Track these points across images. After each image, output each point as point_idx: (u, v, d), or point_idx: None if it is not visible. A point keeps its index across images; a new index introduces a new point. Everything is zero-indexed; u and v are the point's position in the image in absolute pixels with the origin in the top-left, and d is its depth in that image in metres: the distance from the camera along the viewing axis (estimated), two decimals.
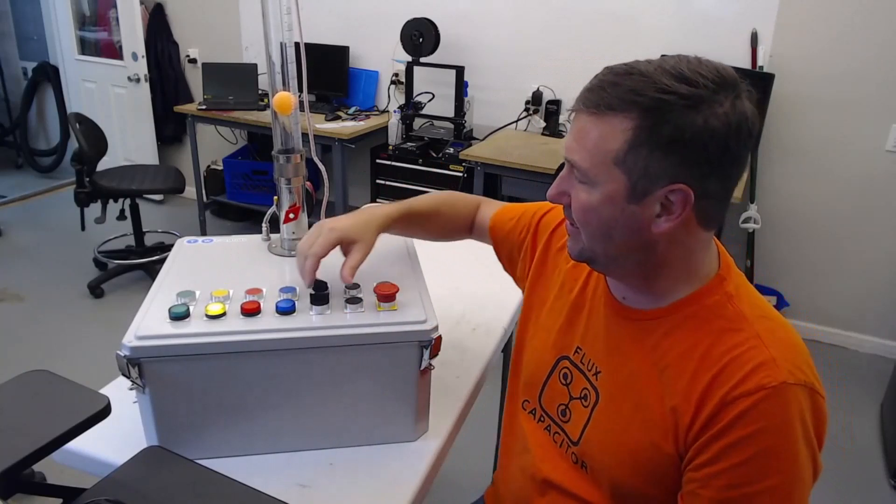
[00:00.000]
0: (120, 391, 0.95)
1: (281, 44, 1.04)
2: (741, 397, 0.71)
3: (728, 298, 0.79)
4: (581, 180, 0.76)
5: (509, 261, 1.15)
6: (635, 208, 0.74)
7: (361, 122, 3.49)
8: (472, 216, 1.18)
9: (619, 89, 0.71)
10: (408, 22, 3.29)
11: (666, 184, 0.72)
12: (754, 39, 2.83)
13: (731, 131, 0.70)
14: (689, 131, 0.69)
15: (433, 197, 1.16)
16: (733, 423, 0.71)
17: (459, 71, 3.24)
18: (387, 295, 0.97)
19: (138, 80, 4.07)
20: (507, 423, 1.09)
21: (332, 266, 1.03)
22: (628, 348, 0.84)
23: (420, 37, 3.28)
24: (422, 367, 0.97)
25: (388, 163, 3.42)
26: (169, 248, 1.13)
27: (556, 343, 0.96)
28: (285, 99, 1.06)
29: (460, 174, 3.20)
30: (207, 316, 0.92)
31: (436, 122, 3.48)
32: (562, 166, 0.82)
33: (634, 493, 0.83)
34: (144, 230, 3.52)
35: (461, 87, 3.27)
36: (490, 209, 1.18)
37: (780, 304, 3.04)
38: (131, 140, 4.31)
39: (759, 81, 2.70)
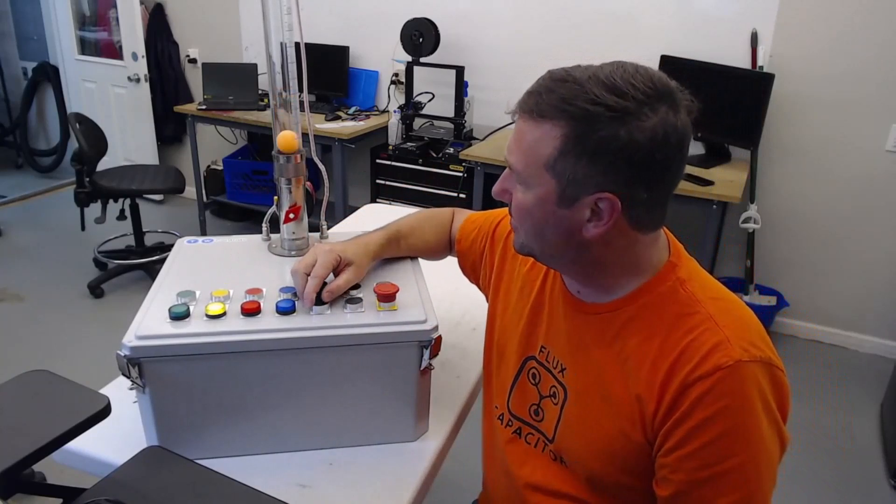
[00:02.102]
0: (120, 391, 0.95)
1: (281, 44, 1.04)
2: (699, 380, 0.73)
3: (680, 283, 0.81)
4: (518, 181, 0.79)
5: (472, 272, 1.15)
6: (565, 212, 0.76)
7: (361, 122, 3.49)
8: (448, 230, 1.20)
9: (552, 96, 0.73)
10: (408, 22, 3.29)
11: (593, 191, 0.74)
12: (754, 39, 2.83)
13: (658, 143, 0.71)
14: (614, 143, 0.70)
15: (415, 214, 1.19)
16: (695, 406, 0.73)
17: (459, 71, 3.24)
18: (387, 295, 0.97)
19: (138, 80, 4.07)
20: (486, 431, 1.08)
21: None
22: (589, 342, 0.86)
23: (420, 37, 3.28)
24: (422, 367, 0.97)
25: (388, 163, 3.42)
26: (169, 248, 1.13)
27: (521, 344, 0.97)
28: (290, 138, 1.07)
29: (460, 174, 3.20)
30: (207, 316, 0.92)
31: (436, 122, 3.48)
32: None
33: (611, 483, 0.85)
34: (144, 230, 3.52)
35: (461, 87, 3.27)
36: (459, 221, 1.19)
37: (780, 304, 3.04)
38: (131, 140, 4.31)
39: (759, 81, 2.70)
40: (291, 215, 1.12)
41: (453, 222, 1.20)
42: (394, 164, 3.41)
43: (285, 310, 0.94)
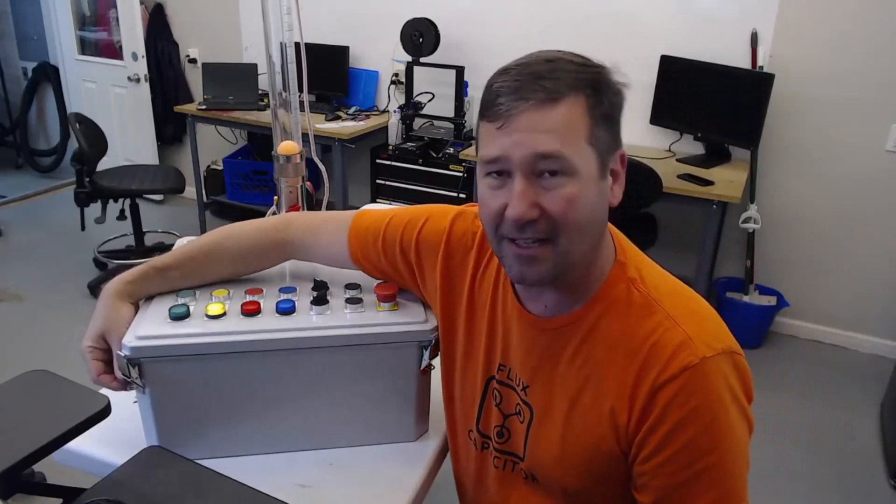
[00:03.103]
0: (120, 391, 0.95)
1: (281, 44, 1.04)
2: (667, 382, 0.72)
3: (632, 283, 0.79)
4: (561, 172, 0.71)
5: (385, 276, 1.01)
6: (603, 184, 0.76)
7: (361, 122, 3.49)
8: (278, 238, 1.01)
9: (559, 75, 0.71)
10: (408, 22, 3.29)
11: (614, 151, 0.76)
12: (754, 39, 2.83)
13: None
14: (618, 98, 0.75)
15: (203, 238, 1.02)
16: (666, 410, 0.72)
17: (459, 71, 3.24)
18: (387, 295, 0.97)
19: (138, 80, 4.07)
20: (454, 453, 1.02)
21: (332, 267, 1.03)
22: (551, 358, 0.83)
23: (420, 37, 3.28)
24: (422, 367, 0.97)
25: (388, 163, 3.42)
26: (169, 248, 1.12)
27: (481, 365, 0.92)
28: (290, 146, 1.08)
29: (460, 174, 3.20)
30: (207, 316, 0.92)
31: (436, 122, 3.48)
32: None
33: (585, 496, 0.84)
34: (144, 230, 3.52)
35: (461, 87, 3.27)
36: (329, 225, 1.01)
37: (780, 304, 3.04)
38: (131, 140, 4.31)
39: (759, 81, 2.70)
40: None
41: (291, 228, 1.01)
42: (394, 164, 3.41)
43: (285, 310, 0.94)
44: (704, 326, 0.75)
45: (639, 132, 3.08)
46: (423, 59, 3.32)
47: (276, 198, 1.13)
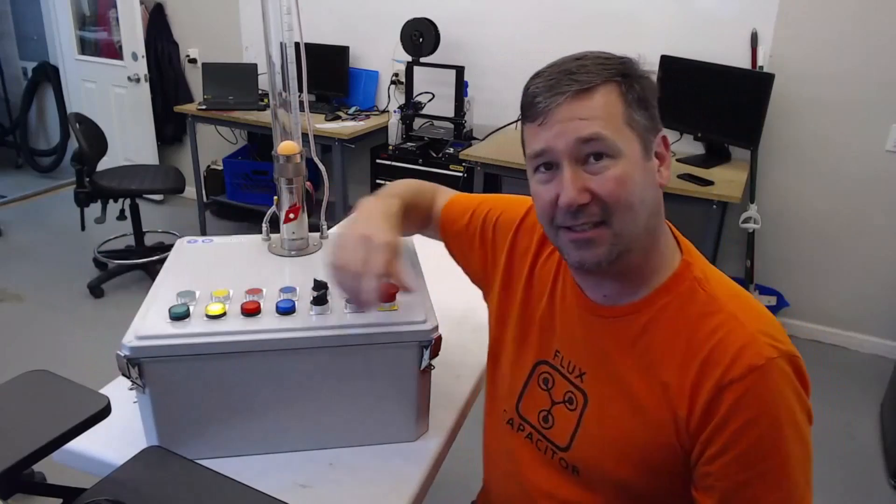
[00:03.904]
0: (120, 391, 0.95)
1: (281, 44, 1.04)
2: (735, 381, 0.72)
3: (698, 283, 0.80)
4: (605, 154, 0.75)
5: (462, 257, 1.11)
6: (649, 165, 0.78)
7: (361, 122, 3.49)
8: (430, 207, 1.12)
9: (589, 68, 0.76)
10: (408, 22, 3.29)
11: (655, 133, 0.79)
12: (754, 39, 2.83)
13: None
14: (649, 84, 0.79)
15: (406, 184, 1.08)
16: (734, 410, 0.72)
17: (459, 71, 3.24)
18: (387, 295, 0.97)
19: (138, 80, 4.07)
20: (490, 434, 1.05)
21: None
22: (609, 347, 0.84)
23: (420, 37, 3.28)
24: (422, 367, 0.97)
25: (389, 163, 3.42)
26: (169, 248, 1.13)
27: (533, 349, 0.95)
28: (290, 146, 1.08)
29: (460, 174, 3.20)
30: (207, 316, 0.92)
31: (436, 122, 3.48)
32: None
33: (633, 493, 0.83)
34: (144, 230, 3.52)
35: (461, 87, 3.27)
36: (442, 200, 1.13)
37: (780, 304, 3.04)
38: (131, 140, 4.31)
39: (758, 81, 2.70)
40: (291, 215, 1.12)
41: (435, 201, 1.13)
42: (394, 164, 3.41)
43: (285, 310, 0.94)
44: (769, 328, 0.76)
45: None
46: (423, 59, 3.32)
47: (276, 198, 1.13)
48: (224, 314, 0.93)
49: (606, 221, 0.76)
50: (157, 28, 4.16)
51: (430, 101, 3.39)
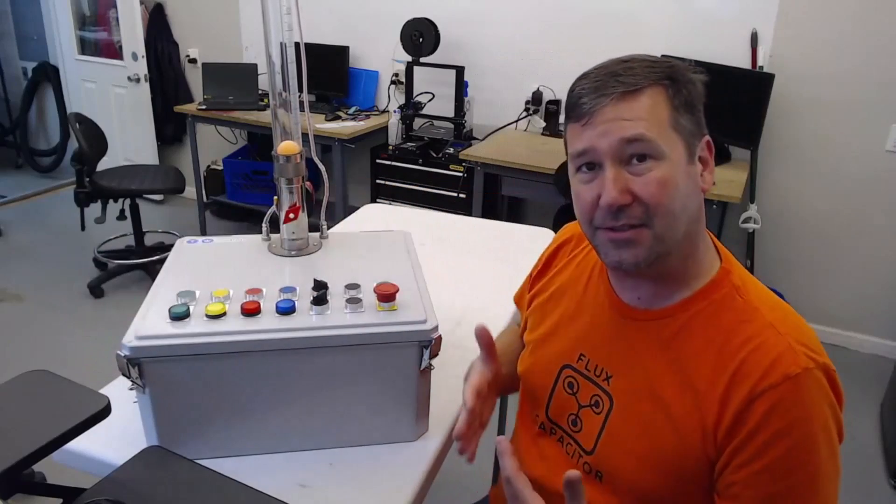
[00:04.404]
0: (120, 391, 0.95)
1: (281, 44, 1.04)
2: (768, 390, 0.71)
3: (736, 290, 0.79)
4: (649, 155, 0.74)
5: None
6: (692, 169, 0.78)
7: (361, 122, 3.49)
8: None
9: (635, 70, 0.76)
10: (408, 22, 3.29)
11: (700, 138, 0.79)
12: (754, 39, 2.83)
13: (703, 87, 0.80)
14: (696, 89, 0.78)
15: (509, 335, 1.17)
16: (767, 418, 0.71)
17: (459, 71, 3.24)
18: (387, 295, 0.97)
19: (138, 80, 4.07)
20: (520, 435, 1.04)
21: (332, 265, 1.03)
22: (640, 349, 0.83)
23: (420, 37, 3.28)
24: (422, 367, 0.97)
25: (388, 163, 3.42)
26: (169, 248, 1.12)
27: (559, 353, 0.94)
28: (290, 146, 1.08)
29: (460, 174, 3.20)
30: (207, 316, 0.92)
31: (436, 122, 3.48)
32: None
33: (652, 499, 0.81)
34: (144, 230, 3.52)
35: (461, 87, 3.27)
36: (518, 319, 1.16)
37: None
38: (131, 140, 4.31)
39: (759, 81, 2.70)
40: (291, 215, 1.12)
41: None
42: (394, 164, 3.41)
43: (285, 310, 0.94)
44: (806, 339, 0.74)
45: None
46: (423, 59, 3.32)
47: (276, 198, 1.13)
48: (224, 314, 0.93)
49: (647, 224, 0.75)
50: (157, 28, 4.16)
51: (430, 101, 3.39)
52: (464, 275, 1.59)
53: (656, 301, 0.83)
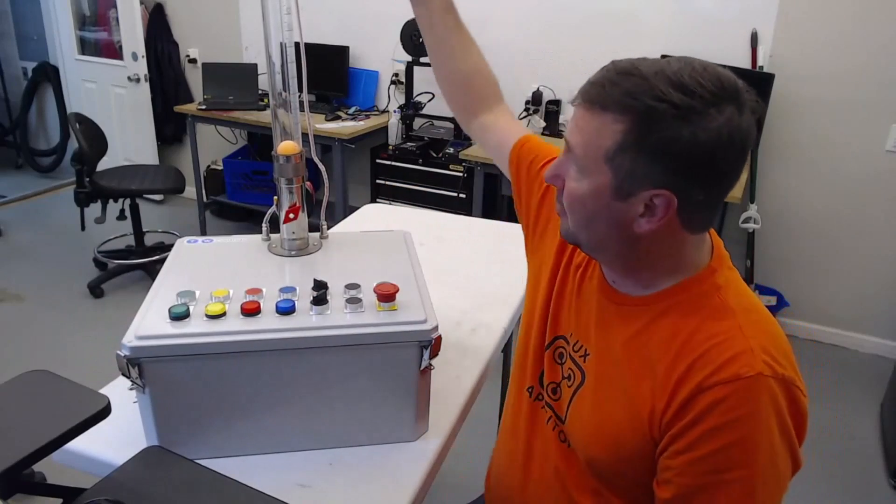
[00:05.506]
0: (120, 391, 0.95)
1: (281, 44, 1.04)
2: (717, 385, 0.72)
3: (716, 289, 0.80)
4: (575, 165, 0.78)
5: (518, 196, 1.13)
6: (620, 205, 0.75)
7: (361, 122, 3.49)
8: (487, 103, 1.24)
9: (616, 89, 0.71)
10: (408, 22, 3.29)
11: (650, 188, 0.72)
12: (754, 39, 2.83)
13: (721, 145, 0.69)
14: (676, 143, 0.69)
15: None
16: (709, 411, 0.72)
17: None
18: (387, 295, 0.97)
19: (138, 80, 4.07)
20: (512, 401, 1.07)
21: (332, 265, 1.03)
22: (615, 332, 0.85)
23: (420, 37, 3.27)
24: (422, 367, 0.97)
25: (388, 163, 3.42)
26: (169, 248, 1.12)
27: (556, 321, 0.97)
28: (290, 146, 1.08)
29: (460, 174, 3.20)
30: (207, 316, 0.92)
31: (436, 122, 3.48)
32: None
33: (609, 470, 0.86)
34: (144, 230, 3.52)
35: None
36: (511, 124, 1.20)
37: (780, 304, 3.04)
38: (131, 140, 4.31)
39: (759, 81, 2.70)
40: (291, 215, 1.12)
41: (498, 109, 1.26)
42: (394, 164, 3.41)
43: (285, 310, 0.94)
44: (772, 348, 0.74)
45: None
46: (423, 59, 3.32)
47: (276, 198, 1.13)
48: (224, 314, 0.93)
49: (564, 213, 0.82)
50: (157, 28, 4.16)
51: (430, 101, 3.39)
52: (464, 275, 1.59)
53: (636, 289, 0.85)
